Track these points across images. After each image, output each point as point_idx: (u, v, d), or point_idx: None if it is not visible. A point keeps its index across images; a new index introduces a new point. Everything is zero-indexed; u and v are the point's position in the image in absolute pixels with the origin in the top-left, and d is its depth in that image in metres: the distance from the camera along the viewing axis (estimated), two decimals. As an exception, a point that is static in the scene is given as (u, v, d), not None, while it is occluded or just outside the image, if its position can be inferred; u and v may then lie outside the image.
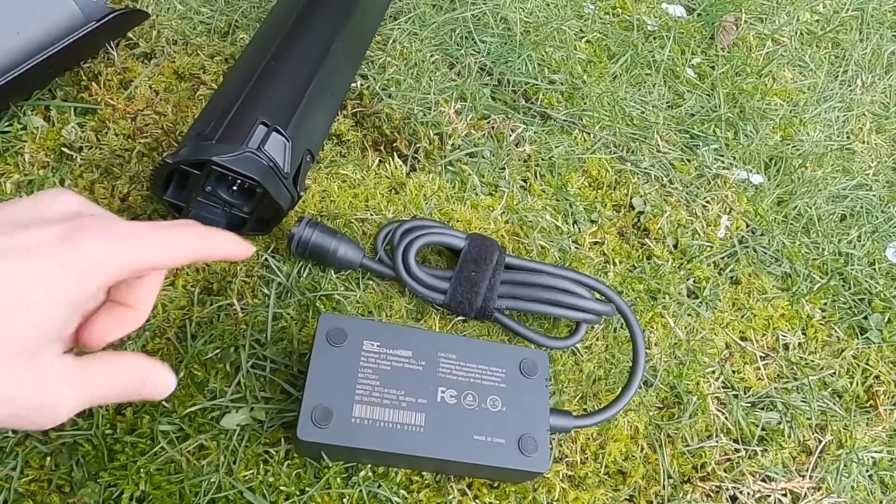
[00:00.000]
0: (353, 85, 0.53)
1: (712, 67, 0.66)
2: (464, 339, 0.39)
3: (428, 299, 0.43)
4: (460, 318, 0.44)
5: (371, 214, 0.47)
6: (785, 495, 0.43)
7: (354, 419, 0.35)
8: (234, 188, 0.39)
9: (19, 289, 0.23)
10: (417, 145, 0.51)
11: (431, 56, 0.58)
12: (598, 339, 0.46)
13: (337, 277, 0.43)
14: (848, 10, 0.77)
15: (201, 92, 0.49)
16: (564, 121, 0.58)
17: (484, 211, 0.50)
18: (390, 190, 0.49)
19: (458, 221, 0.48)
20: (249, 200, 0.40)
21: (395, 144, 0.51)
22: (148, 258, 0.26)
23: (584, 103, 0.59)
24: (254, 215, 0.41)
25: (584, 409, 0.44)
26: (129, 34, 0.51)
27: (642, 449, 0.43)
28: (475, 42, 0.60)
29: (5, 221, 0.24)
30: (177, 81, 0.50)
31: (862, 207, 0.60)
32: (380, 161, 0.50)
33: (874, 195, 0.61)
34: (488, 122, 0.55)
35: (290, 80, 0.42)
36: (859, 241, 0.57)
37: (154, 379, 0.28)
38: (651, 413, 0.45)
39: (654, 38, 0.67)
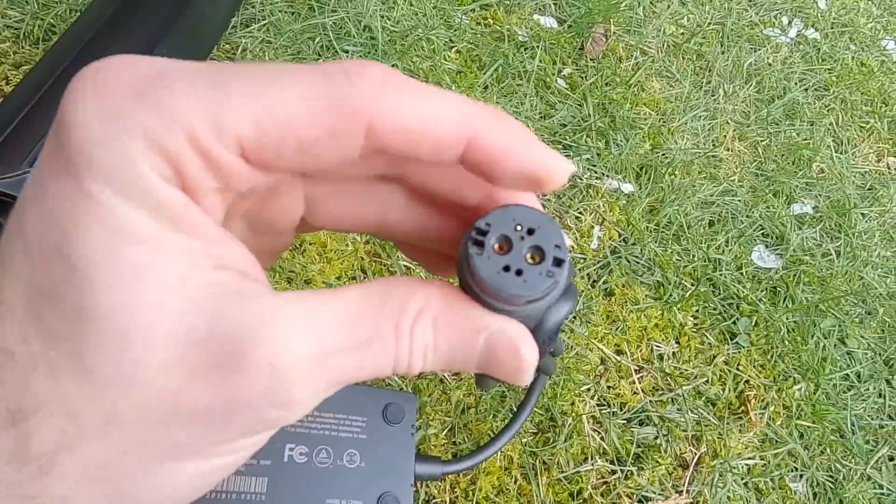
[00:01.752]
0: (192, 97, 0.48)
1: (583, 77, 0.66)
2: None
3: None
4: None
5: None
6: (662, 515, 0.42)
7: None
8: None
9: (61, 296, 0.13)
10: (266, 162, 0.47)
11: (286, 66, 0.53)
12: (467, 364, 0.43)
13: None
14: (710, 23, 0.80)
15: (0, 106, 0.42)
16: (432, 133, 0.55)
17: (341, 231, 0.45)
18: (232, 212, 0.44)
19: (311, 244, 0.44)
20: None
21: (239, 161, 0.46)
22: (227, 119, 0.13)
23: (454, 114, 0.57)
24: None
25: (454, 443, 0.40)
26: None
27: (516, 480, 0.40)
28: (336, 52, 0.56)
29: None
30: (-29, 94, 0.43)
31: (728, 213, 0.61)
32: (222, 180, 0.45)
33: (739, 200, 0.63)
34: (349, 136, 0.51)
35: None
36: (727, 247, 0.58)
37: (499, 326, 0.15)
38: (525, 440, 0.42)
39: (526, 49, 0.66)
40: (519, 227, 0.15)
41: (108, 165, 0.13)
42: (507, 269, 0.14)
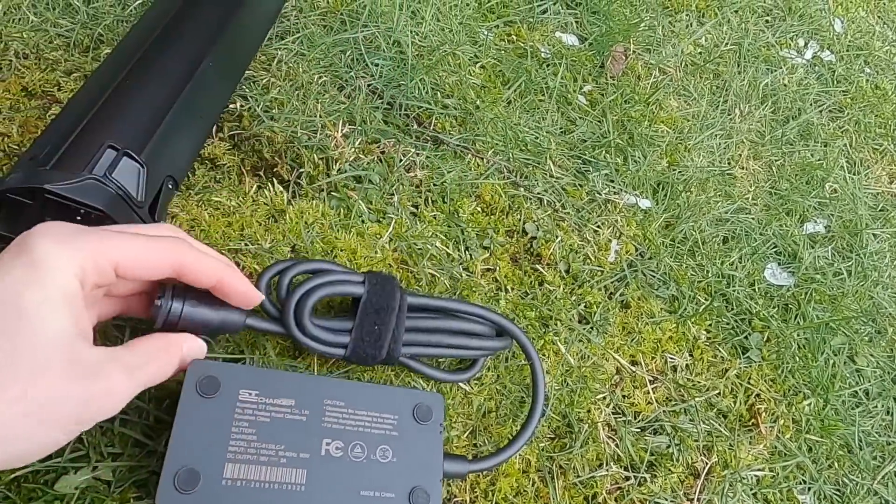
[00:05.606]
0: (231, 106, 0.50)
1: (602, 95, 0.68)
2: (353, 384, 0.37)
3: (326, 356, 0.38)
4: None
5: (246, 244, 0.44)
6: (674, 521, 0.43)
7: (226, 481, 0.31)
8: (79, 218, 0.35)
9: (7, 302, 0.25)
10: (300, 170, 0.49)
11: (319, 78, 0.55)
12: (488, 370, 0.45)
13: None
14: (727, 43, 0.82)
15: (54, 111, 0.45)
16: (457, 145, 0.57)
17: (370, 239, 0.47)
18: (269, 218, 0.46)
19: (342, 251, 0.46)
20: (97, 232, 0.36)
21: (275, 169, 0.48)
22: (114, 252, 0.28)
23: (478, 128, 0.59)
24: (104, 248, 0.37)
25: (475, 445, 0.42)
26: (-31, 46, 0.46)
27: (534, 483, 0.42)
28: (367, 65, 0.58)
29: None
30: (25, 99, 0.45)
31: (742, 230, 0.63)
32: (258, 187, 0.47)
33: (753, 218, 0.64)
34: (378, 147, 0.53)
35: (147, 101, 0.38)
36: (740, 263, 0.60)
37: (188, 346, 0.32)
38: (543, 444, 0.43)
39: (548, 66, 0.68)
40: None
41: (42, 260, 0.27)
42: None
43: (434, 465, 0.35)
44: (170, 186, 0.39)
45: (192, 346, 0.32)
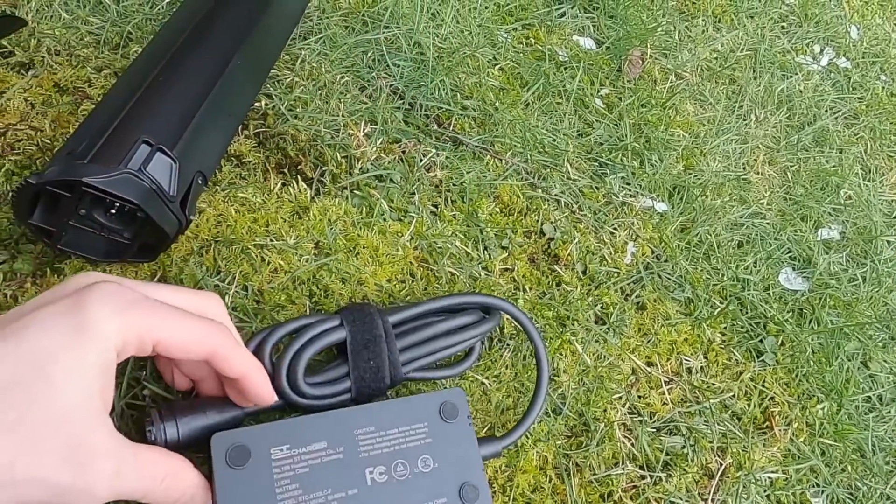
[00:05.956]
0: (256, 104, 0.51)
1: (619, 98, 0.68)
2: (376, 407, 0.36)
3: (335, 407, 0.37)
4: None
5: (271, 240, 0.44)
6: (688, 520, 0.44)
7: None
8: (113, 212, 0.36)
9: (38, 363, 0.23)
10: (323, 168, 0.49)
11: (342, 78, 0.56)
12: (507, 368, 0.46)
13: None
14: (743, 49, 0.82)
15: (85, 106, 0.46)
16: (476, 146, 0.57)
17: (392, 237, 0.48)
18: (293, 214, 0.46)
19: (364, 248, 0.46)
20: (130, 225, 0.37)
21: (299, 167, 0.49)
22: (158, 331, 0.27)
23: (497, 129, 0.59)
24: (136, 241, 0.37)
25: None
26: (4, 42, 0.47)
27: (550, 479, 0.42)
28: (388, 65, 0.59)
29: (26, 307, 0.26)
30: (57, 95, 0.46)
31: (757, 235, 0.63)
32: (283, 184, 0.48)
33: (768, 223, 0.65)
34: (399, 146, 0.54)
35: (179, 98, 0.39)
36: (755, 267, 0.60)
37: (191, 496, 0.29)
38: (559, 442, 0.44)
39: (566, 69, 0.68)
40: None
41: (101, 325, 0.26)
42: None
43: (474, 458, 0.36)
44: (199, 182, 0.40)
45: (196, 497, 0.30)
